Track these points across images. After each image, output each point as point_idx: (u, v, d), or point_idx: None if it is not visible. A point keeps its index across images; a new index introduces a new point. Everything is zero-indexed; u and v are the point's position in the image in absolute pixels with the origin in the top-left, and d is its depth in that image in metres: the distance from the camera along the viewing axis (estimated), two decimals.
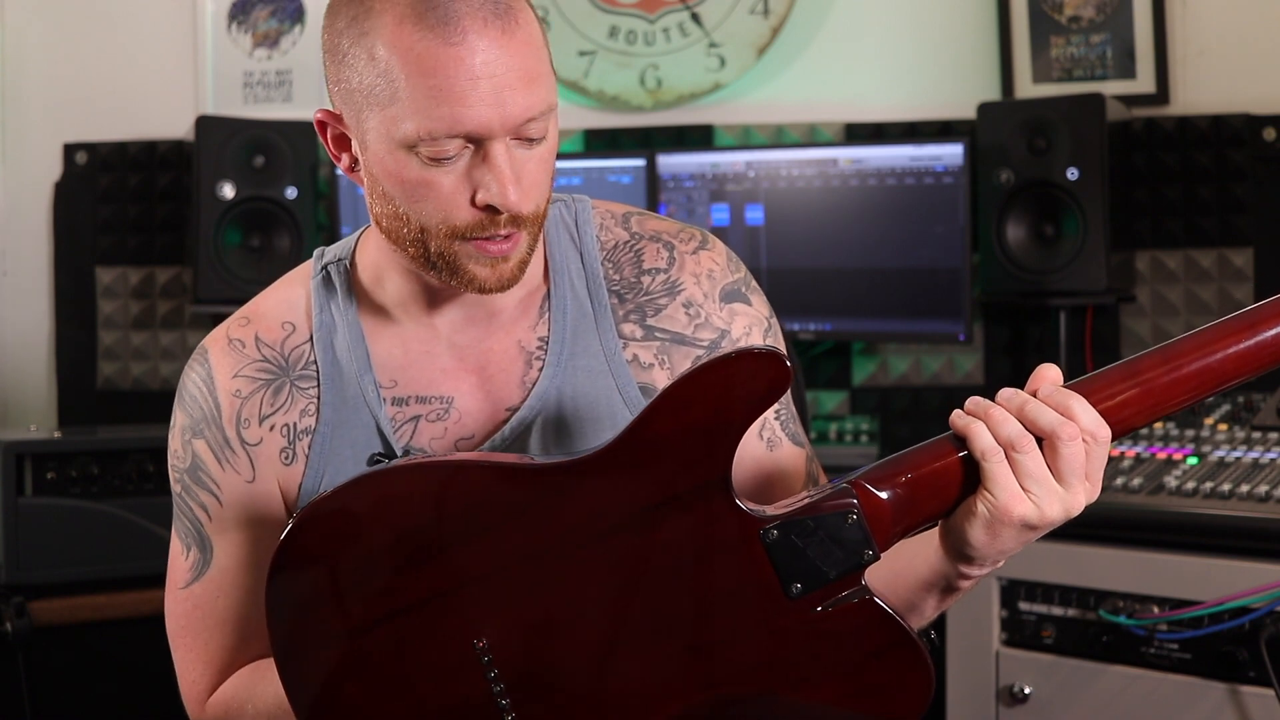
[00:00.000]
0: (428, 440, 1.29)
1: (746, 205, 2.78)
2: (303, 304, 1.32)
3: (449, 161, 1.15)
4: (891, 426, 2.91)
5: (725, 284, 1.33)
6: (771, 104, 2.99)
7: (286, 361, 1.30)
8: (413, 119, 1.13)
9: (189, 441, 1.31)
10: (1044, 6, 2.90)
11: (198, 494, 1.31)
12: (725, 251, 1.36)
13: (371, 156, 1.19)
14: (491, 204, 1.15)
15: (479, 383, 1.30)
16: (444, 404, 1.29)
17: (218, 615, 1.31)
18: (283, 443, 1.29)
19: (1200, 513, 2.00)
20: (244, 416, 1.29)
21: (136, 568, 2.31)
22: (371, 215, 1.24)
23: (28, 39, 3.19)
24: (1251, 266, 2.77)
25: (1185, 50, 2.83)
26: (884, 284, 2.71)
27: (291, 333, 1.31)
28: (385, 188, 1.19)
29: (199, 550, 1.31)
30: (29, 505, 2.24)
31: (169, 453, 1.33)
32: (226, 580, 1.30)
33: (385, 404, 1.28)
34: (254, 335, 1.31)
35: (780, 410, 1.32)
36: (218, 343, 1.32)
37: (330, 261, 1.33)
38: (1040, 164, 2.64)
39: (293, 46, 3.13)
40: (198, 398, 1.31)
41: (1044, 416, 1.08)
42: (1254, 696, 1.91)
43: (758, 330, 1.32)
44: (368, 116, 1.16)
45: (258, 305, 1.34)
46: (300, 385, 1.30)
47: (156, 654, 2.13)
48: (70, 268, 3.15)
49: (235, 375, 1.30)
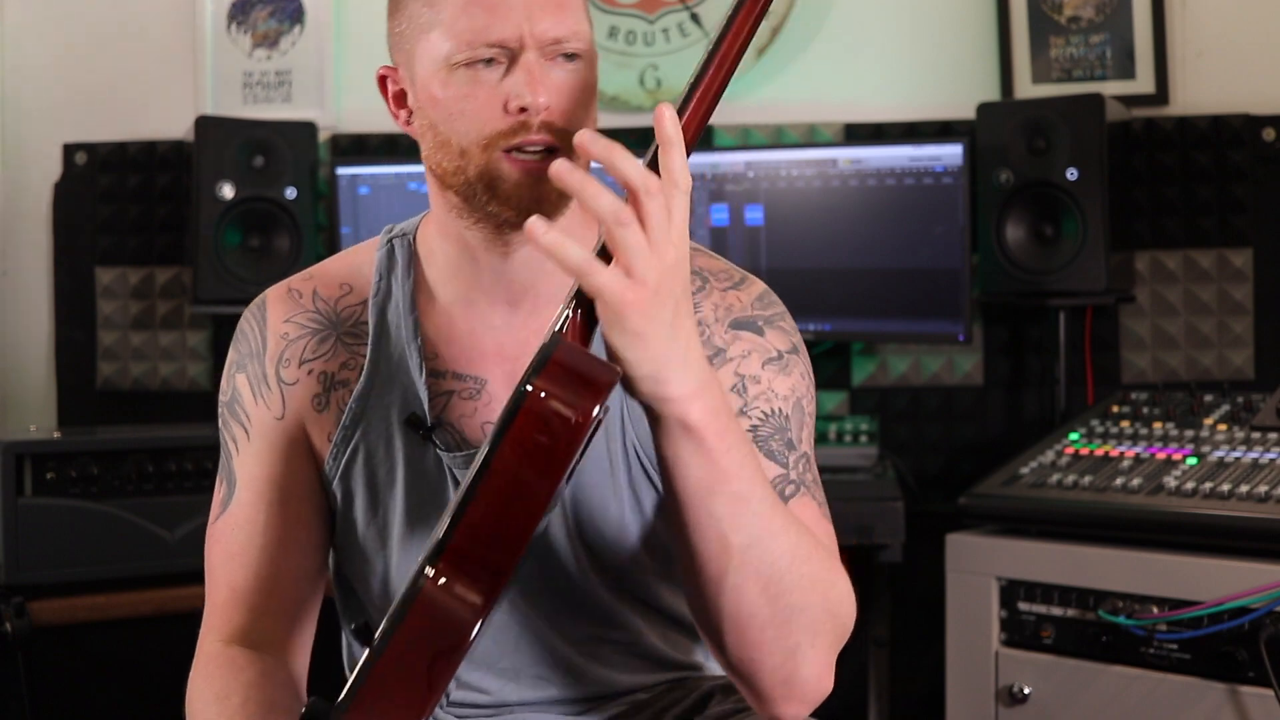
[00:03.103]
0: (458, 417, 1.33)
1: (746, 206, 2.78)
2: (365, 270, 1.39)
3: (485, 71, 1.22)
4: (891, 427, 2.91)
5: (740, 315, 1.33)
6: (771, 104, 2.99)
7: (338, 317, 1.37)
8: (450, 34, 1.22)
9: (233, 376, 1.39)
10: (1044, 7, 2.90)
11: (232, 426, 1.38)
12: (760, 294, 1.35)
13: (420, 89, 1.27)
14: (522, 105, 1.21)
15: (513, 370, 1.32)
16: (477, 384, 1.34)
17: (230, 550, 1.35)
18: (317, 389, 1.36)
19: (1200, 513, 2.00)
20: (286, 356, 1.36)
21: (136, 568, 2.31)
22: (426, 165, 1.30)
23: (28, 39, 3.19)
24: (1251, 266, 2.78)
25: (1185, 50, 2.83)
26: (883, 284, 2.71)
27: (348, 293, 1.39)
28: (431, 116, 1.26)
29: (227, 485, 1.38)
30: (29, 505, 2.24)
31: (219, 390, 1.41)
32: (242, 515, 1.35)
33: (424, 374, 1.33)
34: (313, 290, 1.39)
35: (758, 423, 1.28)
36: (278, 291, 1.40)
37: (396, 235, 1.40)
38: (1040, 164, 2.64)
39: (292, 47, 3.13)
40: (248, 334, 1.39)
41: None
42: (1254, 697, 1.91)
43: (758, 358, 1.30)
44: (416, 49, 1.26)
45: (323, 266, 1.43)
46: (346, 341, 1.36)
47: (156, 654, 2.13)
48: (70, 268, 3.15)
49: (287, 320, 1.38)
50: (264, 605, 1.34)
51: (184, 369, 3.11)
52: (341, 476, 1.35)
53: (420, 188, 2.82)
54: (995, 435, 2.90)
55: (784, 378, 1.31)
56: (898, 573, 2.63)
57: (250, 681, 1.29)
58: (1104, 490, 2.13)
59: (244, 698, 1.27)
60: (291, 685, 1.33)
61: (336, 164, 2.92)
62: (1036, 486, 2.20)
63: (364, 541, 1.36)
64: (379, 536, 1.35)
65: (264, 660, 1.32)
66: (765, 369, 1.31)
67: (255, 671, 1.31)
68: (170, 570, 2.31)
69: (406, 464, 1.33)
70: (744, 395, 1.29)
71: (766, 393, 1.29)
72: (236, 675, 1.30)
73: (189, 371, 3.10)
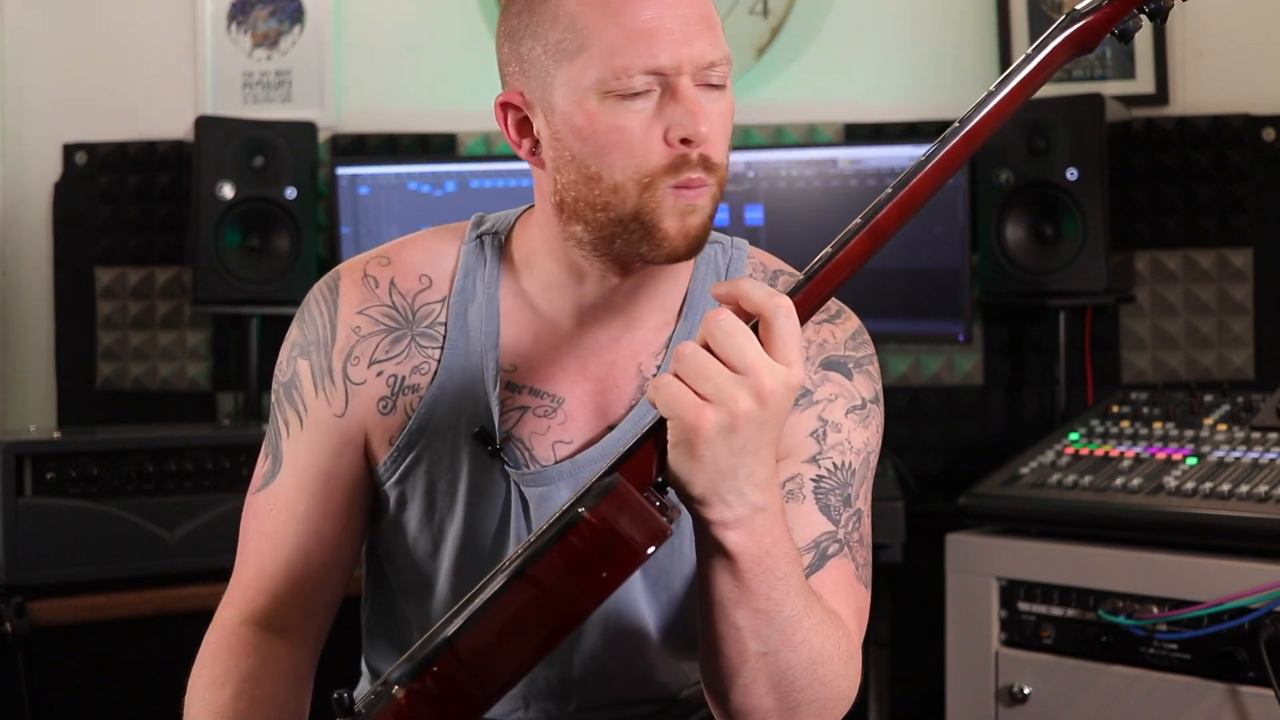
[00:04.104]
0: (529, 433, 1.29)
1: (746, 205, 2.78)
2: (448, 264, 1.33)
3: (639, 100, 1.16)
4: (891, 426, 2.90)
5: (832, 354, 1.31)
6: (771, 104, 2.99)
7: (414, 315, 1.31)
8: (602, 61, 1.15)
9: (295, 358, 1.33)
10: (1043, 7, 2.90)
11: (286, 409, 1.33)
12: (854, 331, 1.34)
13: (559, 119, 1.19)
14: (685, 136, 1.16)
15: (593, 391, 1.30)
16: (554, 402, 1.29)
17: (264, 529, 1.32)
18: (385, 392, 1.30)
19: (1200, 513, 2.00)
20: (355, 354, 1.31)
21: (136, 568, 2.30)
22: (552, 195, 1.23)
23: (28, 39, 3.19)
24: (1251, 266, 2.78)
25: (1185, 50, 2.83)
26: (883, 284, 2.71)
27: (428, 287, 1.32)
28: (574, 150, 1.19)
29: (273, 462, 1.34)
30: (29, 505, 2.23)
31: (277, 362, 1.35)
32: (283, 498, 1.32)
33: (499, 386, 1.29)
34: (390, 279, 1.32)
35: (825, 474, 1.27)
36: (353, 273, 1.33)
37: (487, 231, 1.34)
38: (1040, 164, 2.64)
39: (292, 47, 3.13)
40: (316, 319, 1.32)
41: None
42: (1254, 696, 1.91)
43: (843, 403, 1.29)
44: (554, 77, 1.18)
45: (401, 249, 1.35)
46: (420, 342, 1.31)
47: (156, 654, 2.14)
48: (70, 268, 3.15)
49: (360, 311, 1.31)
50: (287, 594, 1.31)
51: (184, 369, 3.11)
52: (398, 480, 1.32)
53: (420, 187, 2.82)
54: (995, 435, 2.90)
55: (862, 430, 1.29)
56: (898, 573, 2.63)
57: (248, 673, 1.27)
58: (1104, 490, 2.13)
59: (236, 691, 1.25)
60: (296, 676, 1.31)
61: (336, 164, 2.91)
62: (1036, 486, 2.20)
63: (414, 547, 1.34)
64: (431, 544, 1.33)
65: (274, 647, 1.30)
66: (848, 417, 1.29)
67: (258, 660, 1.28)
68: (170, 570, 2.31)
69: (469, 476, 1.30)
70: (821, 443, 1.27)
71: (843, 444, 1.27)
72: (237, 663, 1.28)
73: (189, 371, 3.10)
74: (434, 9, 3.12)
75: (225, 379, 3.08)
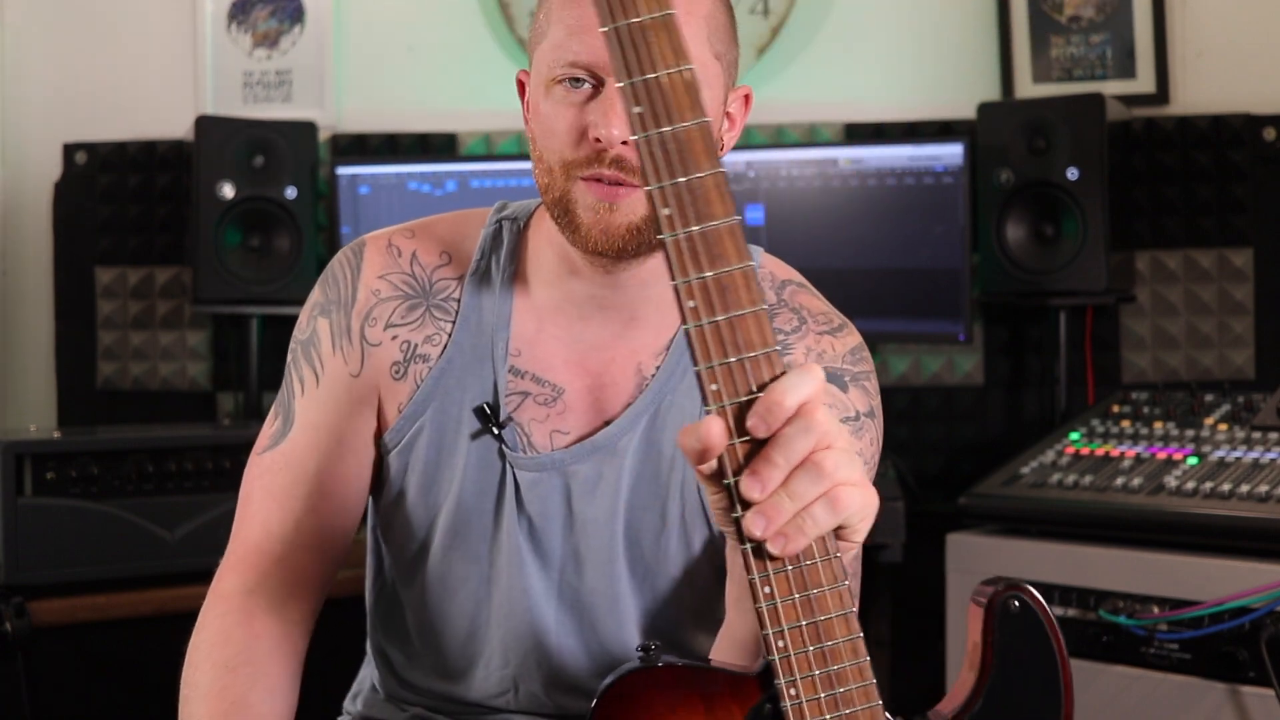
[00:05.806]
0: (528, 420, 1.32)
1: (746, 205, 2.78)
2: (469, 244, 1.36)
3: (575, 93, 1.20)
4: (891, 426, 2.91)
5: (830, 365, 1.32)
6: (771, 104, 2.99)
7: (431, 287, 1.35)
8: (551, 49, 1.21)
9: (315, 317, 1.36)
10: (1044, 6, 2.90)
11: (302, 367, 1.35)
12: (854, 346, 1.36)
13: (531, 101, 1.27)
14: (596, 136, 1.18)
15: (591, 385, 1.32)
16: (554, 391, 1.32)
17: (271, 488, 1.34)
18: (398, 356, 1.33)
19: (1200, 513, 2.00)
20: (373, 315, 1.34)
21: (136, 568, 2.30)
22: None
23: (28, 39, 3.19)
24: (1251, 266, 2.78)
25: (1185, 50, 2.83)
26: (883, 284, 2.71)
27: (447, 263, 1.36)
28: (534, 130, 1.26)
29: (283, 421, 1.35)
30: (29, 505, 2.23)
31: (296, 324, 1.38)
32: (294, 457, 1.34)
33: (506, 368, 1.32)
34: (413, 250, 1.36)
35: None
36: (378, 242, 1.37)
37: (507, 217, 1.38)
38: (1040, 164, 2.64)
39: (292, 46, 3.13)
40: (339, 280, 1.36)
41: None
42: (1254, 697, 1.91)
43: (835, 414, 1.28)
44: (533, 60, 1.26)
45: (428, 226, 1.39)
46: (435, 314, 1.34)
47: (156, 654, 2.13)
48: (70, 268, 3.15)
49: (382, 276, 1.35)
50: (294, 558, 1.32)
51: (184, 369, 3.10)
52: (402, 450, 1.34)
53: (420, 187, 2.82)
54: (995, 435, 2.90)
55: (855, 440, 1.30)
56: (898, 573, 2.63)
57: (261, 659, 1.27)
58: (1104, 490, 2.13)
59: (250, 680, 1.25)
60: (297, 659, 1.32)
61: (336, 164, 2.91)
62: (1037, 486, 2.20)
63: (412, 511, 1.35)
64: (427, 513, 1.35)
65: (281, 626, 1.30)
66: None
67: (268, 644, 1.29)
68: (170, 570, 2.31)
69: (468, 452, 1.32)
70: None
71: None
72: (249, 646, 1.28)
73: (189, 371, 3.10)
74: (434, 9, 3.12)
75: (225, 379, 3.08)
